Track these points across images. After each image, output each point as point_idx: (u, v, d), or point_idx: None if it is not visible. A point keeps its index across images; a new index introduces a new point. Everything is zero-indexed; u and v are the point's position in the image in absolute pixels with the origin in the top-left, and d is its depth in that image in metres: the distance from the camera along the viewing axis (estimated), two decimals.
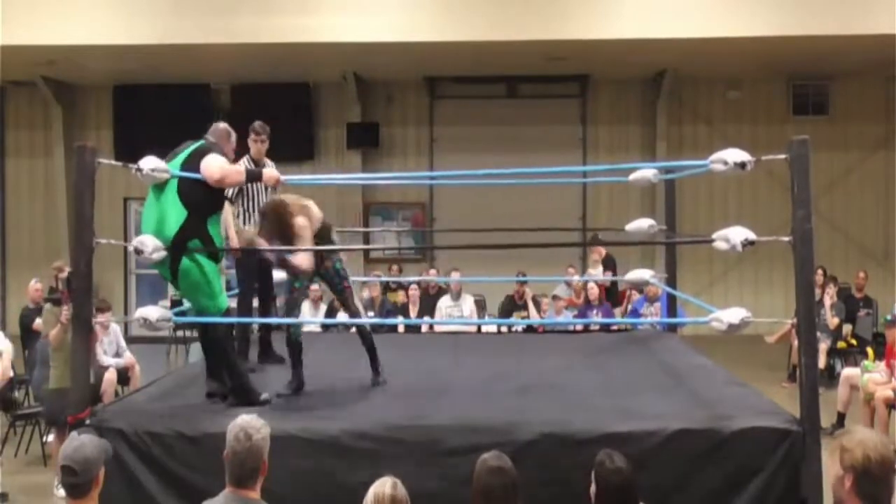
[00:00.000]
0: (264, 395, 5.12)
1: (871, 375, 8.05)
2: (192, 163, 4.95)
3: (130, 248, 4.91)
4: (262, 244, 5.35)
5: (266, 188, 6.28)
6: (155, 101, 14.39)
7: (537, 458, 4.34)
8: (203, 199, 4.95)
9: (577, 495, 3.67)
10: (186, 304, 5.57)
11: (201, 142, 5.14)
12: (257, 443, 3.25)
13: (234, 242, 5.98)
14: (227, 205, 5.69)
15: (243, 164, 6.23)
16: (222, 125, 5.49)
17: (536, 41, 11.91)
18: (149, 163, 4.87)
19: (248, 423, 3.29)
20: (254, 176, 5.48)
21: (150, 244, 4.80)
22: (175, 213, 4.88)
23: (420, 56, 13.07)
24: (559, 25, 11.77)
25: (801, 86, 14.76)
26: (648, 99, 14.95)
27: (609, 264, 11.73)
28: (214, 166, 4.91)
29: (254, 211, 6.20)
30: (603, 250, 11.62)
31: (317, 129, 15.12)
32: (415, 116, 15.26)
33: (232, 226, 6.12)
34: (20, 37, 11.51)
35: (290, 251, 5.22)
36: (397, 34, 11.85)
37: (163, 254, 4.84)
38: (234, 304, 6.30)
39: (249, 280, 6.35)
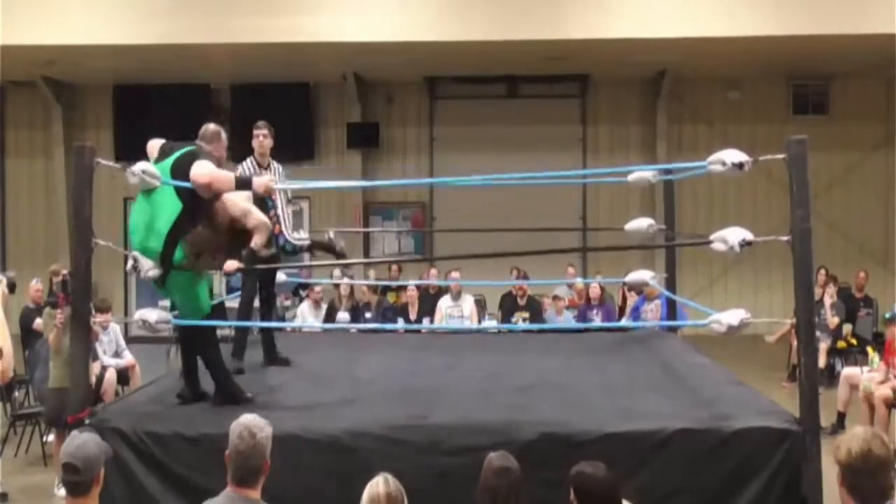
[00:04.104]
0: (248, 394, 5.20)
1: (869, 375, 8.05)
2: (181, 167, 4.89)
3: (128, 267, 4.92)
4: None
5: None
6: (155, 101, 14.39)
7: (537, 458, 4.34)
8: (198, 196, 4.92)
9: None
10: None
11: (192, 147, 5.04)
12: (261, 441, 3.25)
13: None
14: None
15: (247, 164, 6.21)
16: (212, 126, 5.34)
17: (536, 41, 11.91)
18: (141, 166, 4.84)
19: (251, 423, 3.28)
20: (244, 184, 5.14)
21: (145, 265, 4.83)
22: (170, 208, 4.86)
23: (420, 56, 13.07)
24: (559, 25, 11.77)
25: (801, 86, 14.77)
26: (648, 99, 14.95)
27: None
28: (202, 172, 4.82)
29: None
30: None
31: (317, 129, 15.12)
32: (415, 116, 15.26)
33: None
34: (20, 37, 11.51)
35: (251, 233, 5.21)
36: (397, 34, 11.85)
37: (157, 272, 4.86)
38: (233, 304, 6.30)
39: (251, 282, 6.34)
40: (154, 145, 5.20)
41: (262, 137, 6.26)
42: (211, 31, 11.72)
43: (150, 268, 4.84)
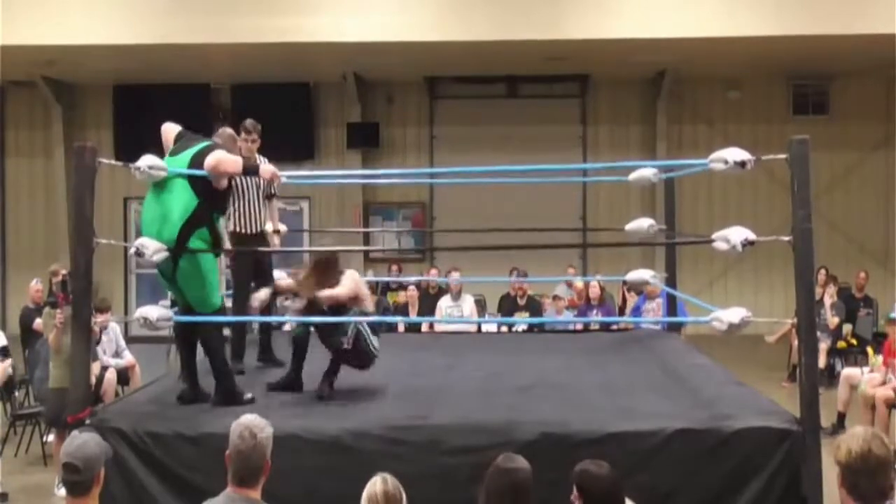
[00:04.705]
0: (248, 395, 5.20)
1: (870, 376, 8.05)
2: (200, 161, 4.99)
3: (131, 251, 4.92)
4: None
5: (260, 188, 6.24)
6: (155, 101, 14.35)
7: (537, 458, 4.33)
8: (213, 190, 5.00)
9: None
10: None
11: (210, 142, 5.17)
12: (262, 441, 3.24)
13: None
14: None
15: None
16: (229, 131, 5.52)
17: (536, 41, 11.91)
18: (146, 160, 4.89)
19: (252, 422, 3.28)
20: (250, 169, 5.42)
21: (150, 246, 4.79)
22: (185, 201, 4.91)
23: (420, 56, 13.07)
24: (559, 25, 11.76)
25: (801, 86, 14.74)
26: (648, 99, 14.94)
27: None
28: (211, 157, 4.95)
29: (244, 210, 6.17)
30: None
31: (317, 129, 15.11)
32: (415, 116, 15.26)
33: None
34: (20, 37, 11.50)
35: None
36: (397, 34, 11.84)
37: (164, 255, 4.84)
38: (229, 303, 6.28)
39: (246, 281, 6.32)
40: (170, 129, 5.23)
41: (251, 142, 6.18)
42: (211, 31, 11.71)
43: (156, 250, 4.80)
